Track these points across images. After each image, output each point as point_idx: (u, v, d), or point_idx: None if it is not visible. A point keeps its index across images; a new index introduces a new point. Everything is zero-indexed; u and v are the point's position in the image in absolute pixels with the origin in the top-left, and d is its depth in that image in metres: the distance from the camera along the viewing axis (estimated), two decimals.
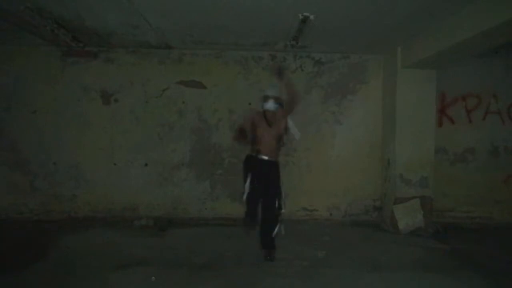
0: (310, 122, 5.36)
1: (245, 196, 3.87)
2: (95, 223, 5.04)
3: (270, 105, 3.78)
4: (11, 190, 5.27)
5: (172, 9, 3.71)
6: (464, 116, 5.42)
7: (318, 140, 5.39)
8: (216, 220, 5.28)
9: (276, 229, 3.82)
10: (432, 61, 4.45)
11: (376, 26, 4.11)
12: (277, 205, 3.80)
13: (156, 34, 4.54)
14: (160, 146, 5.34)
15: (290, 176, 5.31)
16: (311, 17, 3.75)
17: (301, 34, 4.34)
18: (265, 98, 3.82)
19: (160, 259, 3.84)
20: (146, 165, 5.34)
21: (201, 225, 5.10)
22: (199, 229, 4.92)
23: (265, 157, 3.80)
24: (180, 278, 3.39)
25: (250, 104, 5.30)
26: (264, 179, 3.79)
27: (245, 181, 3.86)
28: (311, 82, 5.37)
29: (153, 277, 3.34)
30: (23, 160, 5.26)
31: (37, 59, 5.20)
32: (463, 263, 3.87)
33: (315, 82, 5.38)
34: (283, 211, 3.86)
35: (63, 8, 3.74)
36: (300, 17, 3.76)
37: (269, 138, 3.81)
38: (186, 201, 5.38)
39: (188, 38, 4.73)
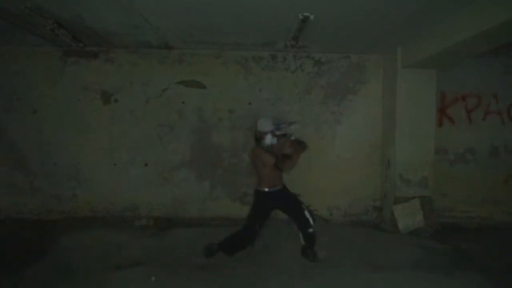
0: (310, 122, 5.36)
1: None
2: (95, 223, 5.04)
3: (269, 140, 3.68)
4: (11, 190, 5.27)
5: (172, 9, 3.71)
6: (464, 116, 5.41)
7: (318, 140, 5.39)
8: (216, 220, 5.27)
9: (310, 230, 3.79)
10: (432, 61, 4.45)
11: (376, 26, 4.11)
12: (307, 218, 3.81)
13: (156, 34, 4.54)
14: (160, 146, 5.34)
15: (290, 176, 5.30)
16: (311, 17, 3.74)
17: (301, 34, 4.33)
18: (262, 135, 3.69)
19: (160, 259, 3.84)
20: (146, 165, 5.34)
21: (201, 225, 5.10)
22: (199, 229, 4.92)
23: (279, 187, 3.82)
24: (180, 278, 3.40)
25: (250, 104, 5.31)
26: (288, 206, 3.86)
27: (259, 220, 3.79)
28: (311, 82, 5.37)
29: (153, 277, 3.35)
30: (23, 160, 5.26)
31: (37, 59, 5.20)
32: (463, 263, 3.88)
33: (315, 82, 5.38)
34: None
35: (63, 8, 3.74)
36: (300, 17, 3.75)
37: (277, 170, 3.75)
38: (186, 201, 5.38)
39: (188, 38, 4.72)
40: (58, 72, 5.22)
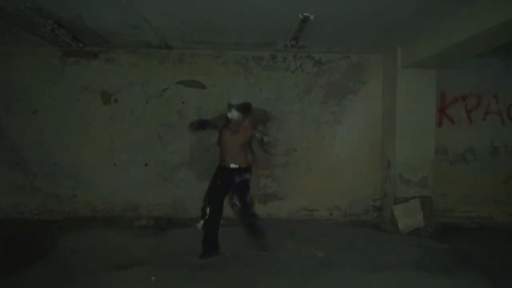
0: (310, 122, 5.36)
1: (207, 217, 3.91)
2: (95, 223, 5.04)
3: (233, 114, 3.84)
4: (11, 190, 5.26)
5: (172, 9, 3.71)
6: (464, 116, 5.41)
7: (318, 140, 5.39)
8: None
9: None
10: (432, 61, 4.45)
11: (376, 26, 4.11)
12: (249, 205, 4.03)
13: (156, 34, 4.53)
14: (160, 146, 5.34)
15: (290, 176, 5.33)
16: (311, 17, 3.74)
17: (301, 34, 4.33)
18: (229, 107, 3.89)
19: (160, 259, 3.84)
20: (146, 165, 5.34)
21: None
22: None
23: (233, 165, 3.89)
24: (180, 278, 3.39)
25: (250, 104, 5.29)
26: (236, 186, 3.95)
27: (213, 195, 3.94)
28: (311, 82, 5.37)
29: (153, 277, 3.34)
30: (23, 160, 5.26)
31: (37, 59, 5.20)
32: (463, 263, 3.87)
33: (315, 82, 5.37)
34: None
35: (63, 8, 3.74)
36: (300, 17, 3.75)
37: (234, 145, 3.89)
38: (186, 201, 5.37)
39: (188, 38, 4.72)
40: (58, 72, 5.22)
